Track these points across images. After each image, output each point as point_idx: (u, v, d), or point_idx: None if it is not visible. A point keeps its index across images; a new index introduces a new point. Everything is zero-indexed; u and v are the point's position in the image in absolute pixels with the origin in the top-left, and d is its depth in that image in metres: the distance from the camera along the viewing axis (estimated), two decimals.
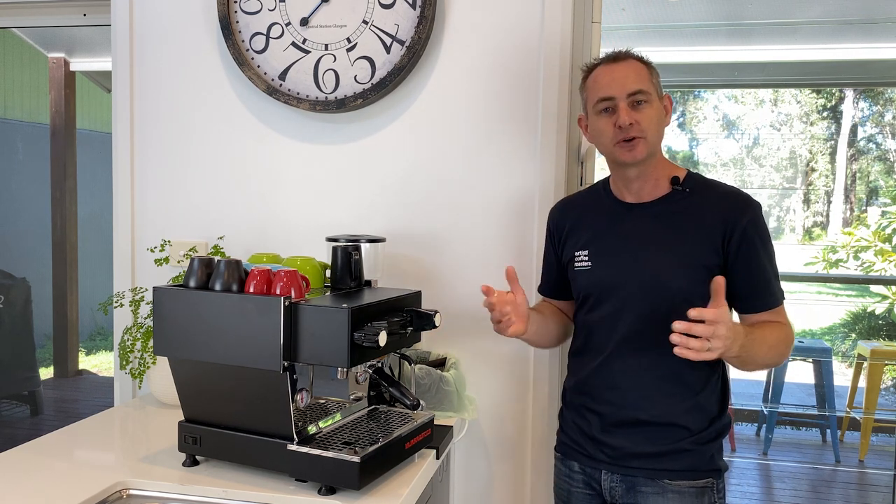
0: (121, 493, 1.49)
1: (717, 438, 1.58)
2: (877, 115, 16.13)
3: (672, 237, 1.55)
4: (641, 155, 1.54)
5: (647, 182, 1.60)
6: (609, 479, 1.60)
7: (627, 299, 1.57)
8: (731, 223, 1.52)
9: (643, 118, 1.53)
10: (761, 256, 1.53)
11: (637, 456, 1.56)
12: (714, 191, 1.59)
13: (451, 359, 2.02)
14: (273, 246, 2.17)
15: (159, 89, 2.27)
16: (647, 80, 1.55)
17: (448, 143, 2.09)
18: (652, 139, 1.55)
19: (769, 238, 1.56)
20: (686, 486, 1.54)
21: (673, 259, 1.54)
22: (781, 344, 1.53)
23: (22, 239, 6.55)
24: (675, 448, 1.54)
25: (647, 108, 1.53)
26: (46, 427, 4.61)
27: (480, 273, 2.08)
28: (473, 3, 2.05)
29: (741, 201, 1.55)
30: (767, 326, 1.53)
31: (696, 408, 1.55)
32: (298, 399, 1.49)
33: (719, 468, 1.58)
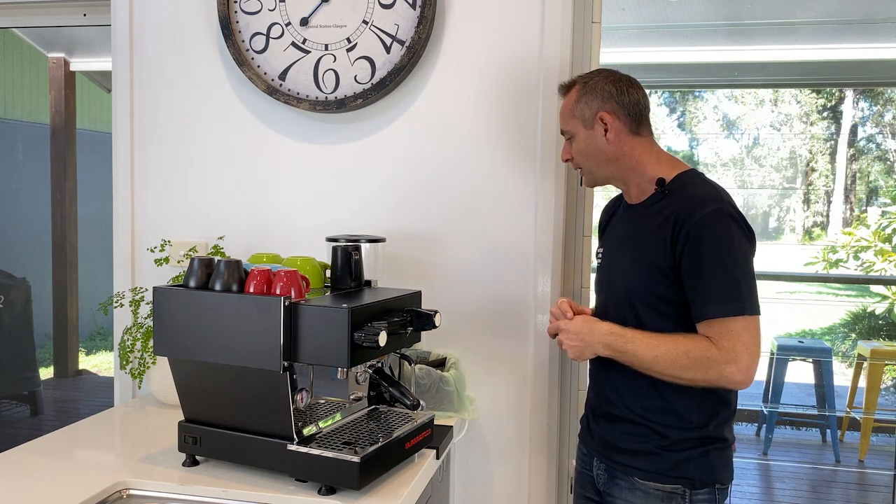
0: (121, 493, 1.49)
1: (694, 448, 1.53)
2: (877, 115, 16.13)
3: (635, 238, 1.60)
4: (588, 184, 1.70)
5: (630, 187, 1.65)
6: (598, 466, 1.67)
7: (607, 298, 1.67)
8: (679, 223, 1.48)
9: (574, 152, 1.65)
10: (704, 259, 1.46)
11: (616, 450, 1.61)
12: (686, 192, 1.54)
13: (451, 359, 2.02)
14: (273, 246, 2.17)
15: (159, 90, 2.27)
16: (566, 116, 1.64)
17: (448, 143, 2.09)
18: (590, 167, 1.64)
19: (727, 242, 1.46)
20: (653, 487, 1.55)
21: (631, 259, 1.59)
22: (681, 357, 1.45)
23: (22, 239, 6.55)
24: (643, 448, 1.56)
25: (574, 143, 1.64)
26: (46, 427, 4.61)
27: (480, 273, 2.08)
28: (473, 4, 2.05)
29: (698, 202, 1.49)
30: (670, 336, 1.48)
31: (669, 411, 1.53)
32: (298, 399, 1.49)
33: (691, 478, 1.52)
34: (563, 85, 1.69)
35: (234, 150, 2.23)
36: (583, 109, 1.61)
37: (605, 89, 1.60)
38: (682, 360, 1.46)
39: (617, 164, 1.62)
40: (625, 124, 1.59)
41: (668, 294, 1.52)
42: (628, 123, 1.60)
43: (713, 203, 1.48)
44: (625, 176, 1.63)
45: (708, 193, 1.52)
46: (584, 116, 1.61)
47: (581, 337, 1.55)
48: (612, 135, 1.59)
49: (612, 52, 4.46)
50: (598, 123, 1.59)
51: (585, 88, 1.61)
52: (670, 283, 1.51)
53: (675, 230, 1.49)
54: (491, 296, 2.09)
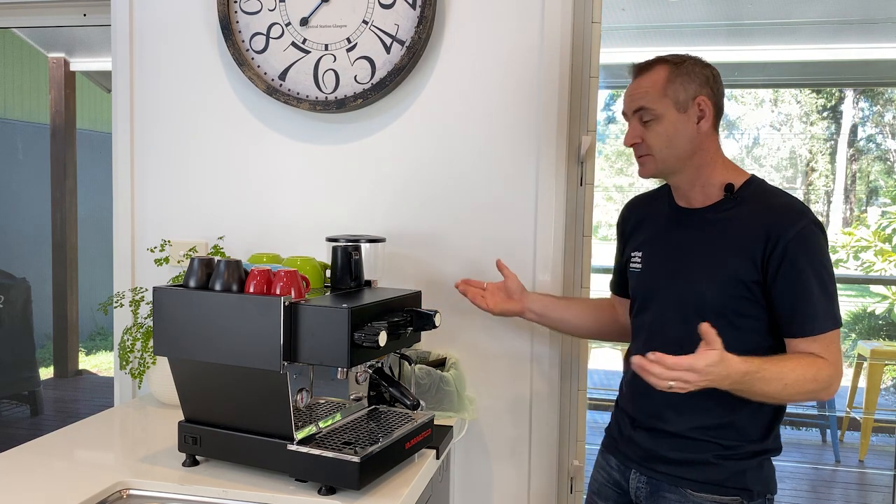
0: (121, 493, 1.48)
1: (751, 458, 1.50)
2: (877, 115, 16.12)
3: (711, 247, 1.50)
4: (648, 172, 1.54)
5: (694, 189, 1.55)
6: (636, 479, 1.59)
7: (665, 308, 1.54)
8: (773, 236, 1.42)
9: (649, 136, 1.50)
10: (804, 275, 1.41)
11: (662, 460, 1.54)
12: (766, 200, 1.48)
13: (451, 359, 2.02)
14: (273, 246, 2.17)
15: (159, 89, 2.27)
16: (656, 95, 1.49)
17: (448, 143, 2.09)
18: (662, 156, 1.50)
19: (821, 255, 1.43)
20: (709, 499, 1.50)
21: (708, 270, 1.49)
22: (809, 382, 1.40)
23: (22, 239, 6.55)
24: (699, 459, 1.51)
25: (654, 125, 1.50)
26: (46, 427, 4.61)
27: (480, 273, 2.08)
28: (473, 4, 2.05)
29: (792, 213, 1.44)
30: (795, 361, 1.42)
31: (730, 426, 1.49)
32: (298, 399, 1.49)
33: (750, 489, 1.49)
34: (642, 62, 1.54)
35: (234, 150, 2.23)
36: (677, 91, 1.48)
37: (702, 73, 1.50)
38: (810, 384, 1.41)
39: (693, 158, 1.51)
40: (714, 115, 1.52)
41: (748, 309, 1.46)
42: (716, 116, 1.53)
43: (806, 216, 1.43)
44: (695, 173, 1.53)
45: (795, 204, 1.47)
46: (679, 98, 1.48)
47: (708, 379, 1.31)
48: (705, 124, 1.49)
49: (612, 52, 4.46)
50: (694, 108, 1.49)
51: (680, 69, 1.49)
52: (752, 298, 1.45)
53: (769, 245, 1.42)
54: None
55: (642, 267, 1.62)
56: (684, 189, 1.57)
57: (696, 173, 1.53)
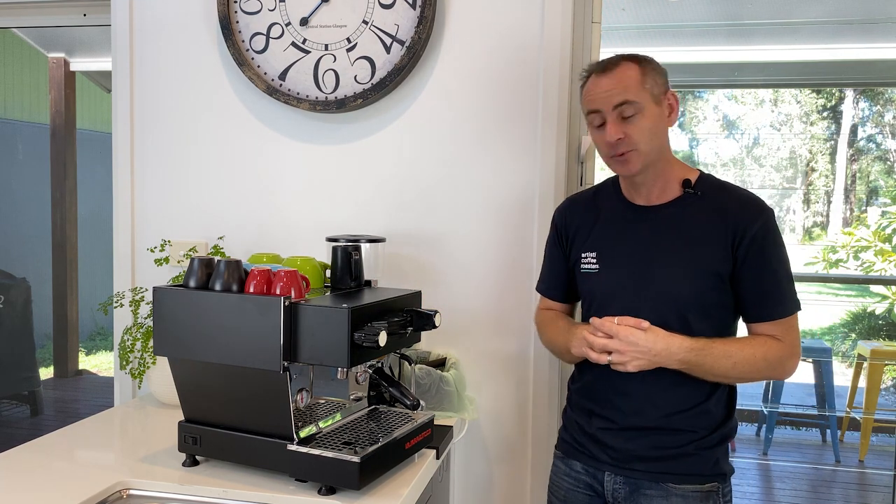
0: (121, 493, 1.48)
1: (721, 443, 1.55)
2: (877, 115, 16.13)
3: (681, 243, 1.52)
4: (636, 168, 1.51)
5: (656, 185, 1.56)
6: (612, 480, 1.58)
7: (636, 305, 1.52)
8: (741, 228, 1.47)
9: (633, 130, 1.47)
10: (772, 263, 1.49)
11: (641, 458, 1.54)
12: (727, 194, 1.53)
13: (451, 359, 2.02)
14: (273, 246, 2.17)
15: (159, 89, 2.27)
16: (635, 88, 1.47)
17: (448, 143, 2.09)
18: (646, 149, 1.48)
19: (782, 244, 1.50)
20: (690, 490, 1.52)
21: (681, 266, 1.51)
22: (759, 361, 1.47)
23: (22, 239, 6.55)
24: (680, 452, 1.52)
25: (638, 119, 1.47)
26: (46, 427, 4.61)
27: (480, 273, 2.08)
28: (473, 4, 2.05)
29: (754, 206, 1.50)
30: (744, 342, 1.50)
31: (703, 413, 1.53)
32: (298, 399, 1.49)
33: (724, 472, 1.55)
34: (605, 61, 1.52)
35: (234, 150, 2.23)
36: (652, 85, 1.48)
37: (663, 71, 1.52)
38: (760, 363, 1.48)
39: (662, 154, 1.52)
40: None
41: (719, 298, 1.50)
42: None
43: (767, 208, 1.51)
44: (661, 168, 1.54)
45: (755, 197, 1.53)
46: (654, 92, 1.48)
47: (653, 353, 1.42)
48: (673, 118, 1.52)
49: (612, 52, 4.45)
50: (665, 102, 1.50)
51: (648, 66, 1.49)
52: (723, 288, 1.50)
53: (738, 236, 1.47)
54: (491, 296, 2.08)
55: (599, 267, 1.59)
56: (647, 185, 1.56)
57: (661, 168, 1.55)
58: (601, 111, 1.49)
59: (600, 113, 1.50)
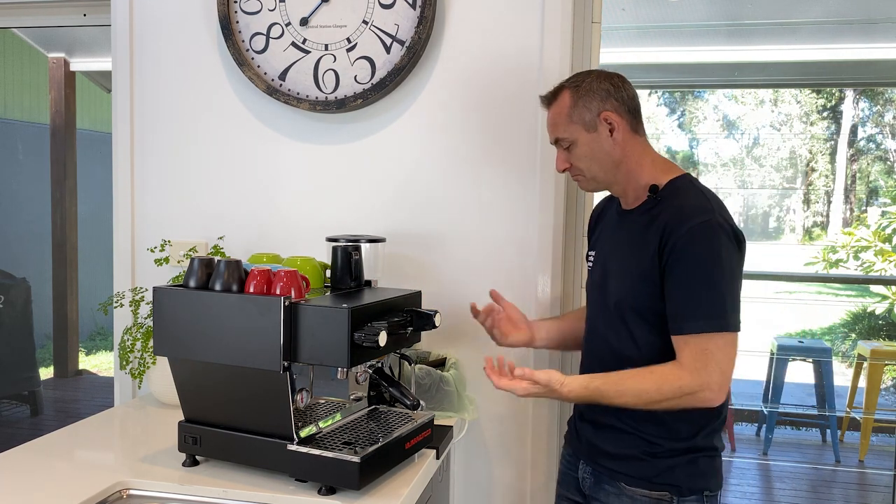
0: (121, 493, 1.49)
1: (680, 455, 1.52)
2: (877, 115, 16.13)
3: (628, 248, 1.56)
4: (587, 188, 1.65)
5: (627, 193, 1.60)
6: (583, 469, 1.65)
7: (598, 305, 1.63)
8: (668, 232, 1.46)
9: (574, 159, 1.58)
10: (685, 274, 1.44)
11: (603, 454, 1.59)
12: (676, 200, 1.51)
13: (451, 359, 2.02)
14: (273, 246, 2.17)
15: (159, 89, 2.27)
16: (563, 123, 1.56)
17: (448, 143, 2.09)
18: (589, 173, 1.58)
19: (710, 260, 1.42)
20: (640, 493, 1.53)
21: (624, 271, 1.56)
22: (653, 393, 1.43)
23: (22, 239, 6.55)
24: (631, 454, 1.54)
25: (574, 150, 1.57)
26: (46, 427, 4.61)
27: (480, 273, 2.08)
28: (473, 4, 2.05)
29: (687, 213, 1.46)
30: (640, 375, 1.45)
31: (659, 423, 1.51)
32: (298, 399, 1.49)
33: (678, 485, 1.51)
34: (548, 93, 1.61)
35: (234, 150, 2.23)
36: (582, 113, 1.54)
37: (601, 87, 1.54)
38: (654, 396, 1.44)
39: (620, 168, 1.56)
40: (627, 122, 1.55)
41: (656, 306, 1.49)
42: (630, 121, 1.56)
43: (702, 215, 1.45)
44: (625, 180, 1.58)
45: (698, 203, 1.48)
46: (585, 120, 1.54)
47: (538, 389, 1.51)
48: (619, 134, 1.54)
49: (612, 52, 4.46)
50: (602, 124, 1.54)
51: (579, 91, 1.55)
52: (659, 295, 1.48)
53: (663, 241, 1.46)
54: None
55: (592, 266, 1.69)
56: (623, 193, 1.62)
57: (626, 178, 1.58)
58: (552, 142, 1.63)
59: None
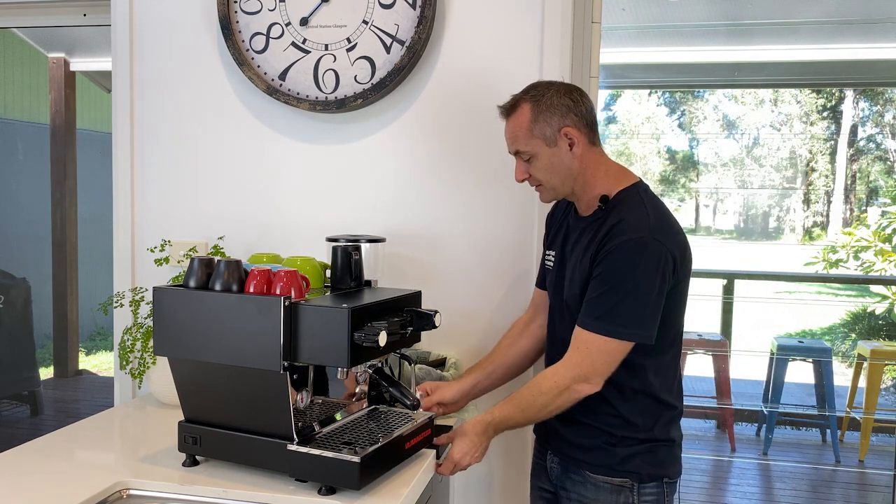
0: (121, 493, 1.48)
1: (638, 445, 1.61)
2: (877, 115, 16.14)
3: (577, 250, 1.64)
4: (547, 199, 1.69)
5: (581, 202, 1.67)
6: (551, 459, 1.74)
7: (553, 308, 1.74)
8: (603, 243, 1.55)
9: (534, 171, 1.62)
10: (598, 280, 1.54)
11: (567, 443, 1.67)
12: (619, 213, 1.57)
13: (451, 359, 2.02)
14: (273, 246, 2.17)
15: (159, 89, 2.27)
16: (524, 137, 1.58)
17: (448, 143, 2.09)
18: (549, 185, 1.62)
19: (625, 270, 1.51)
20: (602, 480, 1.62)
21: (572, 270, 1.64)
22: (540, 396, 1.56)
23: (22, 239, 6.55)
24: (592, 444, 1.63)
25: (534, 162, 1.61)
26: (46, 427, 4.61)
27: (480, 273, 2.08)
28: (473, 4, 2.05)
29: (623, 229, 1.53)
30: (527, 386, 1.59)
31: (616, 415, 1.61)
32: (298, 399, 1.49)
33: (638, 472, 1.61)
34: (507, 105, 1.63)
35: (234, 150, 2.23)
36: (542, 128, 1.57)
37: (562, 103, 1.58)
38: (539, 398, 1.56)
39: (577, 179, 1.62)
40: (586, 136, 1.60)
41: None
42: (588, 135, 1.61)
43: (635, 232, 1.52)
44: (581, 190, 1.64)
45: (636, 220, 1.54)
46: (545, 134, 1.58)
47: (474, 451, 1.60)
48: (578, 148, 1.59)
49: (612, 52, 4.46)
50: (563, 139, 1.58)
51: (540, 106, 1.57)
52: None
53: (598, 248, 1.56)
54: (491, 296, 2.08)
55: (551, 268, 1.75)
56: (579, 203, 1.69)
57: (582, 188, 1.64)
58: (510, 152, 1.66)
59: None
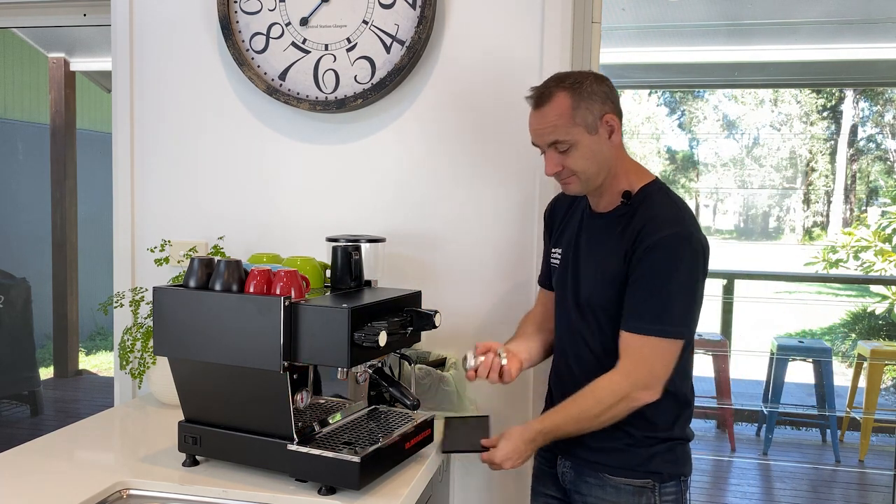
0: (121, 493, 1.48)
1: (659, 444, 1.58)
2: (877, 115, 16.14)
3: (602, 249, 1.60)
4: (576, 190, 1.60)
5: (603, 197, 1.62)
6: (563, 464, 1.68)
7: (569, 304, 1.66)
8: (639, 240, 1.51)
9: (570, 161, 1.54)
10: (648, 277, 1.50)
11: (583, 447, 1.61)
12: (649, 209, 1.55)
13: (451, 359, 2.02)
14: (273, 246, 2.17)
15: (159, 89, 2.27)
16: (565, 125, 1.51)
17: (448, 143, 2.09)
18: (585, 175, 1.55)
19: (677, 269, 1.49)
20: (622, 482, 1.58)
21: (595, 273, 1.60)
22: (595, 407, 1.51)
23: (22, 239, 6.55)
24: (612, 446, 1.59)
25: (572, 152, 1.53)
26: (46, 427, 4.61)
27: (480, 273, 2.08)
28: (473, 4, 2.05)
29: (660, 224, 1.51)
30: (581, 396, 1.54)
31: (638, 415, 1.55)
32: (298, 399, 1.49)
33: (661, 472, 1.58)
34: (538, 94, 1.55)
35: (234, 150, 2.23)
36: (584, 115, 1.51)
37: (601, 90, 1.54)
38: (595, 409, 1.52)
39: (610, 170, 1.58)
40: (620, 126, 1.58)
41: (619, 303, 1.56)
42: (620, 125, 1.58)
43: (673, 226, 1.51)
44: (608, 182, 1.59)
45: (671, 214, 1.54)
46: (587, 122, 1.52)
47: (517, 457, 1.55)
48: (617, 136, 1.56)
49: (612, 52, 4.46)
50: (604, 127, 1.54)
51: (581, 93, 1.52)
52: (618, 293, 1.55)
53: (633, 246, 1.52)
54: (491, 296, 2.08)
55: (559, 265, 1.70)
56: (594, 197, 1.64)
57: (609, 183, 1.60)
58: (540, 146, 1.58)
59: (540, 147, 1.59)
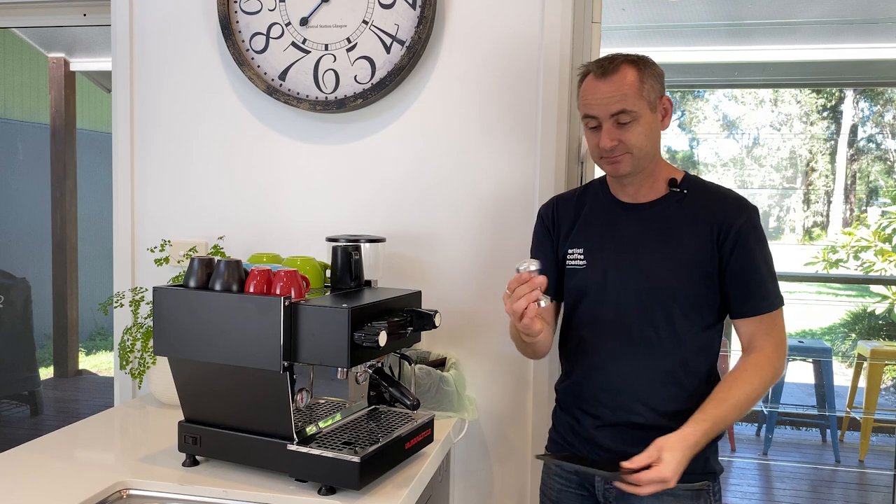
0: (121, 493, 1.49)
1: (713, 442, 1.52)
2: (877, 115, 16.13)
3: (667, 238, 1.54)
4: (626, 170, 1.53)
5: (644, 185, 1.58)
6: (601, 482, 1.58)
7: (622, 300, 1.55)
8: (726, 224, 1.51)
9: (628, 136, 1.49)
10: (756, 258, 1.52)
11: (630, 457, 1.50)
12: (711, 193, 1.58)
13: (451, 359, 2.02)
14: (273, 246, 2.17)
15: (159, 89, 2.27)
16: (634, 96, 1.48)
17: (448, 143, 2.09)
18: (640, 152, 1.51)
19: (765, 241, 1.54)
20: (682, 488, 1.49)
21: (667, 260, 1.53)
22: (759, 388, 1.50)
23: (22, 239, 6.55)
24: None
25: (633, 126, 1.49)
26: (46, 427, 4.61)
27: (480, 273, 2.08)
28: (473, 3, 2.05)
29: (737, 203, 1.55)
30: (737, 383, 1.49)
31: (693, 411, 1.48)
32: (298, 399, 1.49)
33: (714, 471, 1.57)
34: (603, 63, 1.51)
35: (234, 150, 2.23)
36: (649, 91, 1.50)
37: (659, 73, 1.53)
38: (760, 388, 1.50)
39: (656, 155, 1.57)
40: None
41: (702, 294, 1.53)
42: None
43: (750, 205, 1.55)
44: (651, 168, 1.57)
45: (734, 195, 1.58)
46: (650, 98, 1.50)
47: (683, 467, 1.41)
48: (668, 121, 1.56)
49: (611, 52, 4.45)
50: (660, 108, 1.53)
51: (645, 71, 1.50)
52: (708, 283, 1.53)
53: (723, 232, 1.51)
54: (491, 296, 2.08)
55: (587, 262, 1.60)
56: (636, 184, 1.58)
57: (652, 169, 1.58)
58: (598, 118, 1.51)
59: (596, 119, 1.51)
